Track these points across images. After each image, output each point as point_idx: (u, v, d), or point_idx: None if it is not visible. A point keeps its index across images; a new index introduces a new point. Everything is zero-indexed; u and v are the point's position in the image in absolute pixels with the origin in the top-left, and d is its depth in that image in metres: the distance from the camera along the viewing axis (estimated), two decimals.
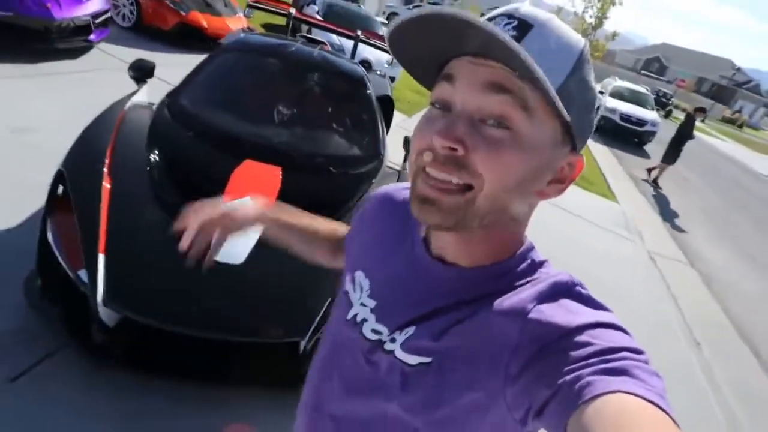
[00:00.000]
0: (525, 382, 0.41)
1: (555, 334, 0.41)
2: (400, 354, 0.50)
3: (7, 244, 2.03)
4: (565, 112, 0.41)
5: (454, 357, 0.47)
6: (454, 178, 0.43)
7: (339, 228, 0.79)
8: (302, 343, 1.63)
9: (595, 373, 0.37)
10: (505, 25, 0.43)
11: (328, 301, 1.67)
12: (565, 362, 0.39)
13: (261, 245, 1.65)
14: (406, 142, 2.66)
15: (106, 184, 1.71)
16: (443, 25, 0.41)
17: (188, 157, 2.02)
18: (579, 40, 0.45)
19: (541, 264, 0.51)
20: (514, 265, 0.50)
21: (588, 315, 0.43)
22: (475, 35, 0.39)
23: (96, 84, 3.97)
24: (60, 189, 1.77)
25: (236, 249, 1.66)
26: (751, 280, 5.28)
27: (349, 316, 0.58)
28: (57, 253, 1.61)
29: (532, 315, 0.44)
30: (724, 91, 46.40)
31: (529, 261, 0.50)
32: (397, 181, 2.30)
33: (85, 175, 1.75)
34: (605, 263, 4.16)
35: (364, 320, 0.56)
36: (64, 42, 4.02)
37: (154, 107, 2.26)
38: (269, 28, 4.43)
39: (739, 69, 49.20)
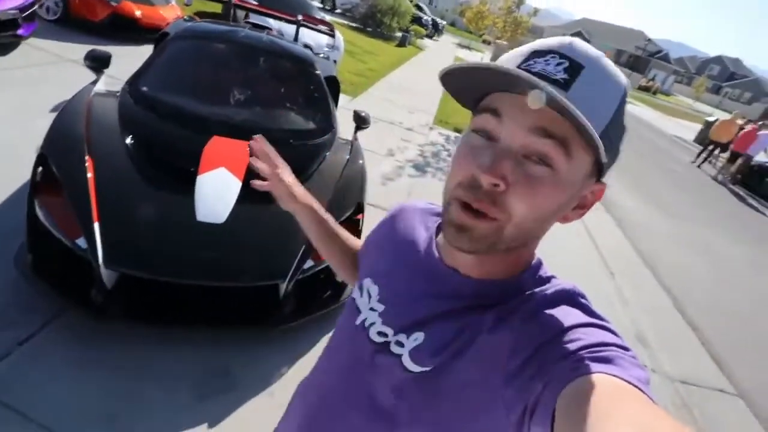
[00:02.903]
0: (521, 381, 0.43)
1: (550, 334, 0.44)
2: (406, 361, 0.52)
3: None
4: (604, 155, 0.42)
5: (458, 366, 0.48)
6: (486, 212, 0.45)
7: (356, 243, 0.82)
8: (282, 285, 1.94)
9: (580, 360, 0.40)
10: (557, 65, 0.44)
11: (303, 247, 1.97)
12: (556, 357, 0.41)
13: (239, 203, 1.95)
14: (357, 116, 2.98)
15: (89, 164, 1.89)
16: (495, 73, 0.42)
17: (159, 138, 2.22)
18: (622, 81, 0.46)
19: (548, 279, 0.53)
20: (523, 280, 0.52)
21: (582, 318, 0.45)
22: (526, 84, 0.40)
23: (32, 78, 3.89)
24: (39, 172, 1.92)
25: (217, 210, 1.92)
26: (656, 220, 6.19)
27: (358, 321, 0.60)
28: (51, 228, 1.78)
29: (532, 319, 0.46)
30: (639, 61, 50.44)
31: (537, 276, 0.53)
32: (350, 151, 2.63)
33: (68, 155, 1.92)
34: None
35: (372, 324, 0.58)
36: None
37: (117, 95, 2.40)
38: (203, 16, 4.47)
39: (650, 40, 53.58)
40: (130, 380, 1.69)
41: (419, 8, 21.33)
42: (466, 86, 0.48)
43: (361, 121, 2.97)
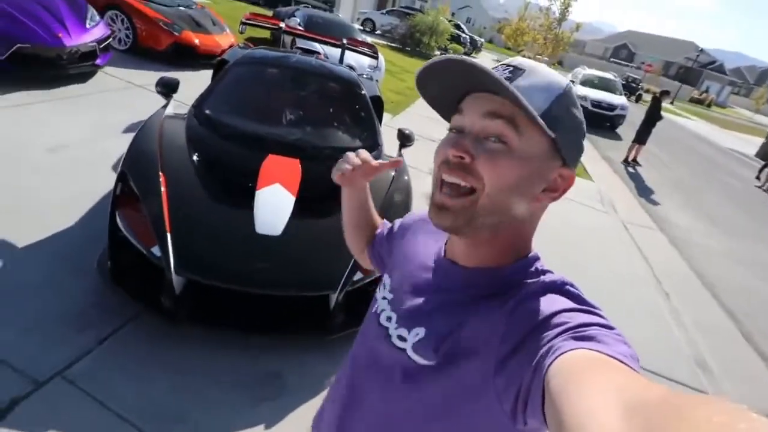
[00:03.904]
0: (510, 369, 0.46)
1: (536, 321, 0.47)
2: (411, 353, 0.57)
3: (75, 238, 2.39)
4: (547, 129, 0.51)
5: (457, 359, 0.52)
6: (462, 182, 0.53)
7: (378, 220, 0.91)
8: (333, 296, 2.02)
9: (564, 341, 0.42)
10: (504, 70, 0.54)
11: (352, 260, 2.06)
12: (541, 342, 0.44)
13: (292, 217, 2.08)
14: (401, 133, 3.08)
15: (162, 180, 2.09)
16: (456, 67, 0.52)
17: (221, 156, 2.41)
18: (562, 80, 0.55)
19: (542, 272, 0.56)
20: (516, 269, 0.56)
21: (568, 303, 0.49)
22: (479, 75, 0.51)
23: (107, 102, 4.30)
24: (119, 186, 2.13)
25: (274, 223, 2.05)
26: (711, 238, 5.83)
27: (374, 309, 0.69)
28: (130, 237, 1.97)
29: (519, 307, 0.50)
30: (690, 72, 48.06)
31: (531, 268, 0.56)
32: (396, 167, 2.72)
33: (144, 172, 2.12)
34: (585, 233, 4.63)
35: (383, 310, 0.66)
36: (75, 67, 4.34)
37: (184, 117, 2.63)
38: (254, 42, 4.81)
39: (702, 50, 51.01)
40: (194, 381, 1.82)
41: (458, 27, 21.57)
42: (438, 94, 0.59)
43: (405, 139, 3.07)
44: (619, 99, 12.53)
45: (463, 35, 21.09)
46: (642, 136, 8.58)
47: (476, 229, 0.55)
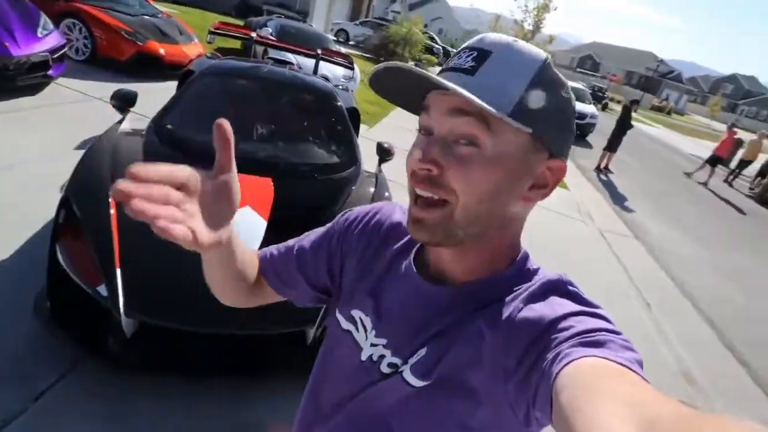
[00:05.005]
0: (521, 376, 0.43)
1: (541, 328, 0.44)
2: (407, 375, 0.52)
3: (11, 273, 2.09)
4: (522, 126, 0.46)
5: (459, 375, 0.49)
6: (434, 195, 0.48)
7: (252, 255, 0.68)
8: (310, 331, 1.82)
9: (571, 348, 0.40)
10: (466, 57, 0.48)
11: None
12: (548, 349, 0.42)
13: (265, 245, 1.87)
14: (380, 148, 2.92)
15: (113, 207, 1.84)
16: (406, 74, 0.48)
17: None
18: (539, 54, 0.48)
19: (535, 271, 0.53)
20: (509, 274, 0.52)
21: (572, 307, 0.46)
22: (426, 79, 0.46)
23: (61, 117, 3.97)
24: (62, 215, 1.87)
25: None
26: (687, 246, 5.92)
27: (364, 357, 0.58)
28: (72, 274, 1.72)
29: (522, 314, 0.47)
30: (650, 81, 50.37)
31: (524, 270, 0.53)
32: (376, 183, 2.55)
33: (92, 198, 1.87)
34: (563, 242, 4.58)
35: (381, 357, 0.56)
36: (24, 79, 3.99)
37: (142, 133, 2.38)
38: (224, 52, 4.58)
39: (662, 61, 53.67)
40: None
41: (431, 38, 21.79)
42: (395, 90, 0.52)
43: (384, 153, 2.91)
44: (588, 108, 12.85)
45: (436, 46, 21.31)
46: (613, 144, 8.76)
47: (459, 242, 0.50)
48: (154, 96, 3.69)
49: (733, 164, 11.51)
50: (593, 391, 0.34)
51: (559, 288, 0.49)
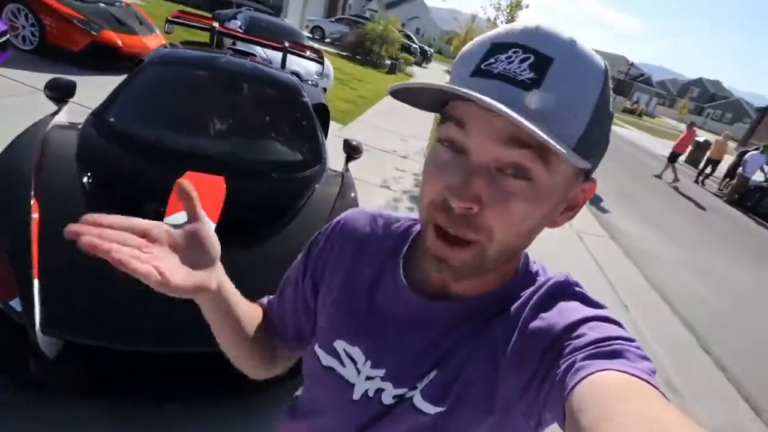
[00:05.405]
0: (535, 387, 0.41)
1: (554, 336, 0.42)
2: (419, 402, 0.48)
3: None
4: (581, 162, 0.40)
5: (477, 392, 0.46)
6: (465, 237, 0.42)
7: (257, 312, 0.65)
8: None
9: (587, 357, 0.38)
10: (521, 61, 0.38)
11: None
12: (562, 354, 0.40)
13: None
14: (347, 145, 2.74)
15: (34, 208, 1.61)
16: (435, 91, 0.40)
17: (123, 175, 1.95)
18: (600, 63, 0.41)
19: (537, 273, 0.51)
20: (517, 282, 0.50)
21: (583, 311, 0.44)
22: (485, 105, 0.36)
23: (3, 110, 3.63)
24: None
25: None
26: (663, 246, 5.99)
27: (357, 396, 0.52)
28: None
29: (533, 324, 0.44)
30: (622, 84, 51.92)
31: (528, 273, 0.51)
32: (341, 183, 2.37)
33: (8, 198, 1.63)
34: (541, 243, 4.50)
35: (380, 391, 0.51)
36: None
37: (79, 127, 2.14)
38: (189, 45, 4.31)
39: (632, 64, 55.40)
40: None
41: (408, 37, 21.71)
42: (422, 98, 0.44)
43: (352, 151, 2.73)
44: None
45: (414, 45, 21.27)
46: None
47: (483, 273, 0.46)
48: (109, 90, 3.41)
49: (702, 165, 11.89)
50: (608, 411, 0.32)
51: (567, 291, 0.47)
